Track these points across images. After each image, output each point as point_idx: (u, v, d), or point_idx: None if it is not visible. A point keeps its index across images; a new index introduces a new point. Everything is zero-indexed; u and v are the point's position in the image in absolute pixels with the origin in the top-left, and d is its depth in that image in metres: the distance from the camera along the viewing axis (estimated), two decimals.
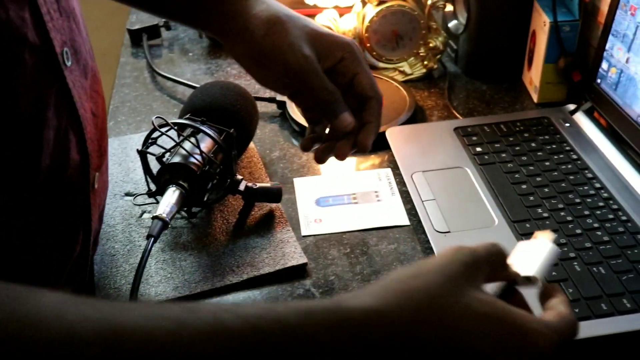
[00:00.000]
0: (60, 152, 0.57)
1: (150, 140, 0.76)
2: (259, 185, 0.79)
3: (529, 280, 0.51)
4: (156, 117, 0.76)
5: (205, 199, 0.76)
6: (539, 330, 0.46)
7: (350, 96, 0.70)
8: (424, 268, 0.46)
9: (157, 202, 0.72)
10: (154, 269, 0.73)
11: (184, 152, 0.74)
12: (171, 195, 0.71)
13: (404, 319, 0.42)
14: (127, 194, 0.84)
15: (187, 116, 0.79)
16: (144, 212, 0.81)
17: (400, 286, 0.44)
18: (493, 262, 0.49)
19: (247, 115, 0.84)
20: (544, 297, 0.52)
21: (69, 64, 0.57)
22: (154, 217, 0.68)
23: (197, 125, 0.76)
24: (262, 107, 1.03)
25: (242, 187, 0.79)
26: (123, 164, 0.89)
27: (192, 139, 0.75)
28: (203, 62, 1.17)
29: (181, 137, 0.76)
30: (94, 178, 0.63)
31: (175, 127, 0.76)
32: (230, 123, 0.79)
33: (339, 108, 0.68)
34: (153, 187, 0.76)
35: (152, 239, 0.67)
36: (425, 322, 0.43)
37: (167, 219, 0.68)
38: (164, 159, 0.74)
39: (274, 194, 0.80)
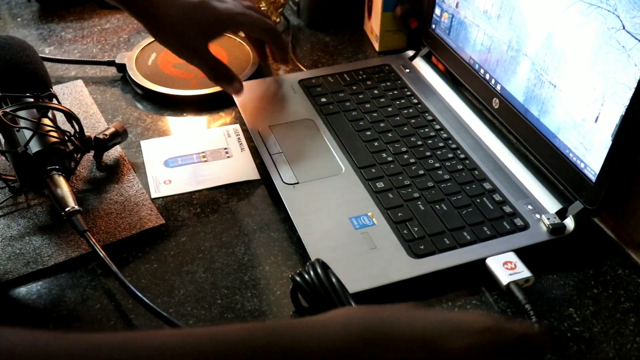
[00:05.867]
0: None
1: None
2: (108, 133, 0.79)
3: None
4: None
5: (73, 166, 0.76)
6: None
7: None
8: None
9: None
10: (0, 246, 0.69)
11: (28, 134, 0.70)
12: (59, 183, 0.69)
13: None
14: None
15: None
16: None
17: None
18: None
19: (40, 65, 0.80)
20: None
21: None
22: (69, 214, 0.66)
23: (42, 104, 0.74)
24: (101, 71, 0.99)
25: (94, 142, 0.79)
26: None
27: (45, 120, 0.72)
28: (34, 27, 1.10)
29: (32, 122, 0.71)
30: None
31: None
32: (29, 80, 0.76)
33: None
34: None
35: (87, 232, 0.66)
36: None
37: (78, 207, 0.67)
38: (20, 150, 0.69)
39: (122, 133, 0.81)
